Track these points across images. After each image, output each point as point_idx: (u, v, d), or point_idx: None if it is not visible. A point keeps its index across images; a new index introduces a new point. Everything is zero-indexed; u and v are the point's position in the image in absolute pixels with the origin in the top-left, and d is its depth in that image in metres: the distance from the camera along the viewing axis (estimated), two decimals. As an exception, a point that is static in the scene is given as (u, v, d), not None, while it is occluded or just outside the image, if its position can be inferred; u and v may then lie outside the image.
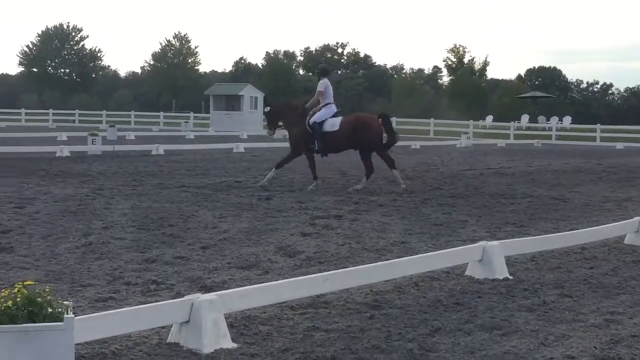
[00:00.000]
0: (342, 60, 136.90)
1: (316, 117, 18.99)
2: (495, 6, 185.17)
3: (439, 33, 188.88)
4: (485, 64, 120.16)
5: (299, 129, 19.17)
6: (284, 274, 9.06)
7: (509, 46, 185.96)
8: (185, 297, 6.55)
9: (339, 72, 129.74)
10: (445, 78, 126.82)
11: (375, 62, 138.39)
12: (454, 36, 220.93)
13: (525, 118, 72.13)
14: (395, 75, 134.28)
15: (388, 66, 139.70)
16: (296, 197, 16.73)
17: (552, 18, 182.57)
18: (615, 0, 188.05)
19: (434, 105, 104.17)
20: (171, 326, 6.48)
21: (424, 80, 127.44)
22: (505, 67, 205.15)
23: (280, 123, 19.94)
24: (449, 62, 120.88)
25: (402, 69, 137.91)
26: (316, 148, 19.01)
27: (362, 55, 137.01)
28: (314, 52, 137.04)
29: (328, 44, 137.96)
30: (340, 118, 19.06)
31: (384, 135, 18.75)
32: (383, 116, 19.13)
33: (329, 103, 19.30)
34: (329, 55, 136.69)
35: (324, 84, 19.37)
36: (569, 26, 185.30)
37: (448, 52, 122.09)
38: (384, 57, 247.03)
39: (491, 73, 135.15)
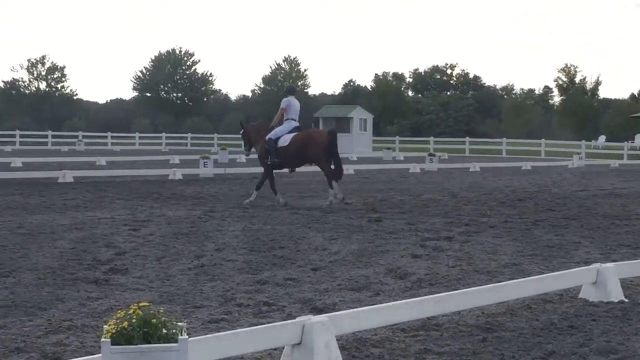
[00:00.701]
0: (452, 82, 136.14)
1: (272, 134, 19.96)
2: (606, 26, 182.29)
3: (549, 53, 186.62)
4: (597, 83, 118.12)
5: (260, 146, 20.32)
6: (395, 296, 9.01)
7: (621, 65, 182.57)
8: (297, 319, 6.56)
9: (448, 93, 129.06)
10: (556, 98, 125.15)
11: (484, 83, 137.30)
12: (564, 56, 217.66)
13: (639, 138, 70.62)
14: (505, 96, 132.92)
15: (498, 87, 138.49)
16: (406, 218, 16.67)
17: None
18: None
19: (544, 126, 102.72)
20: (283, 348, 6.50)
21: (535, 101, 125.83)
22: (617, 86, 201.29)
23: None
24: (560, 82, 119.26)
25: (512, 89, 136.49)
26: (268, 162, 19.95)
27: (471, 76, 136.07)
28: (422, 74, 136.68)
29: (437, 65, 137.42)
30: (293, 134, 19.90)
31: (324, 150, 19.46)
32: (330, 132, 20.15)
33: (289, 119, 20.11)
34: (438, 77, 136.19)
35: (286, 101, 20.27)
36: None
37: (559, 71, 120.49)
38: (493, 78, 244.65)
39: (603, 92, 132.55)
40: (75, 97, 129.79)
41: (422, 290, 9.35)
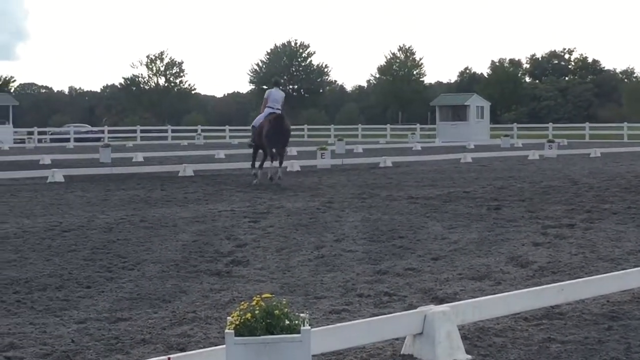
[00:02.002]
0: (570, 66, 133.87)
1: (255, 120, 23.82)
2: None
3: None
4: None
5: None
6: (517, 285, 8.91)
7: None
8: (418, 309, 6.54)
9: (566, 78, 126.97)
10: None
11: (604, 67, 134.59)
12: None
13: None
14: (626, 80, 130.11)
15: (617, 70, 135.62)
16: (526, 206, 16.46)
17: None
18: None
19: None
20: (404, 338, 6.49)
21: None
22: None
23: None
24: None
25: (633, 72, 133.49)
26: (251, 144, 24.65)
27: (589, 60, 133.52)
28: (540, 59, 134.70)
29: (554, 50, 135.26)
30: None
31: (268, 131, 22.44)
32: (275, 118, 22.57)
33: (268, 107, 23.17)
34: (556, 62, 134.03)
35: (268, 92, 23.65)
36: None
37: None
38: (613, 62, 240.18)
39: None
40: (193, 92, 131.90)
41: (544, 279, 9.23)
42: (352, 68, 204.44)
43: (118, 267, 10.22)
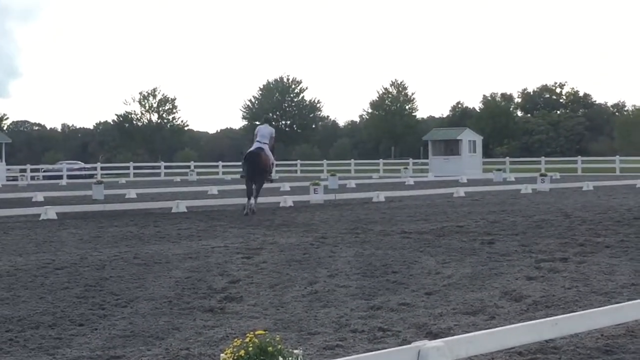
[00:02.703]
0: (561, 100, 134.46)
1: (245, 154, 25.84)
2: None
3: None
4: None
5: None
6: (511, 319, 8.90)
7: None
8: (412, 344, 6.52)
9: (558, 112, 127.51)
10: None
11: (595, 101, 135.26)
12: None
13: None
14: (617, 113, 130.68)
15: (609, 104, 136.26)
16: (519, 240, 16.47)
17: None
18: None
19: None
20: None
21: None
22: None
23: None
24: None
25: (624, 106, 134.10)
26: (242, 175, 26.97)
27: (581, 94, 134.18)
28: (531, 93, 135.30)
29: (546, 84, 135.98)
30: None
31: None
32: (248, 153, 25.56)
33: (257, 141, 25.35)
34: (547, 96, 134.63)
35: (257, 128, 26.24)
36: None
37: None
38: (604, 95, 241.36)
39: None
40: (186, 128, 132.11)
41: (538, 313, 9.22)
42: (344, 103, 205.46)
43: (111, 304, 10.19)
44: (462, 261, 13.55)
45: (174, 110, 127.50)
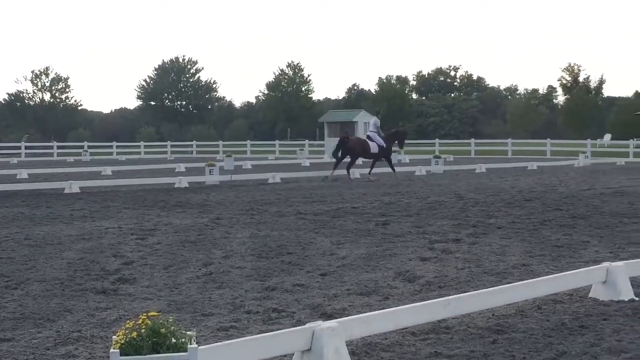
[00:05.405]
0: (455, 83, 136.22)
1: None
2: (609, 23, 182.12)
3: (552, 52, 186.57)
4: (602, 82, 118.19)
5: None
6: (404, 300, 8.99)
7: (624, 63, 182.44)
8: (307, 325, 6.54)
9: (452, 95, 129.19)
10: (560, 97, 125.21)
11: (488, 84, 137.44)
12: (568, 55, 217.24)
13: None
14: (509, 97, 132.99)
15: (502, 87, 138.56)
16: (414, 221, 16.64)
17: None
18: None
19: (549, 126, 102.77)
20: (292, 354, 6.48)
21: (539, 101, 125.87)
22: (621, 84, 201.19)
23: None
24: (564, 82, 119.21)
25: (516, 89, 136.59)
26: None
27: (475, 77, 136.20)
28: (426, 76, 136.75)
29: (440, 68, 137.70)
30: None
31: None
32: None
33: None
34: (442, 79, 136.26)
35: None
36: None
37: (562, 71, 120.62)
38: (497, 79, 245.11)
39: (607, 91, 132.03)
40: (79, 108, 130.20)
41: (431, 293, 9.32)
42: (240, 84, 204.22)
43: (1, 286, 9.98)
44: (356, 242, 13.63)
45: (67, 90, 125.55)
